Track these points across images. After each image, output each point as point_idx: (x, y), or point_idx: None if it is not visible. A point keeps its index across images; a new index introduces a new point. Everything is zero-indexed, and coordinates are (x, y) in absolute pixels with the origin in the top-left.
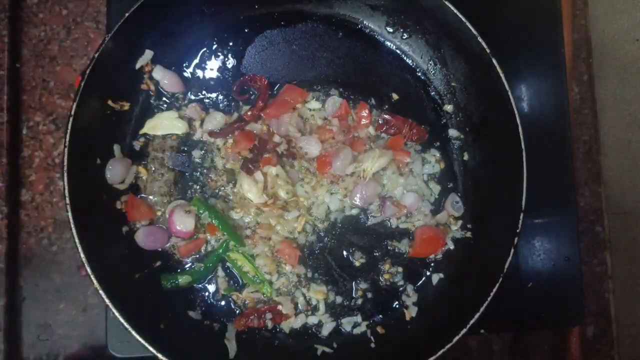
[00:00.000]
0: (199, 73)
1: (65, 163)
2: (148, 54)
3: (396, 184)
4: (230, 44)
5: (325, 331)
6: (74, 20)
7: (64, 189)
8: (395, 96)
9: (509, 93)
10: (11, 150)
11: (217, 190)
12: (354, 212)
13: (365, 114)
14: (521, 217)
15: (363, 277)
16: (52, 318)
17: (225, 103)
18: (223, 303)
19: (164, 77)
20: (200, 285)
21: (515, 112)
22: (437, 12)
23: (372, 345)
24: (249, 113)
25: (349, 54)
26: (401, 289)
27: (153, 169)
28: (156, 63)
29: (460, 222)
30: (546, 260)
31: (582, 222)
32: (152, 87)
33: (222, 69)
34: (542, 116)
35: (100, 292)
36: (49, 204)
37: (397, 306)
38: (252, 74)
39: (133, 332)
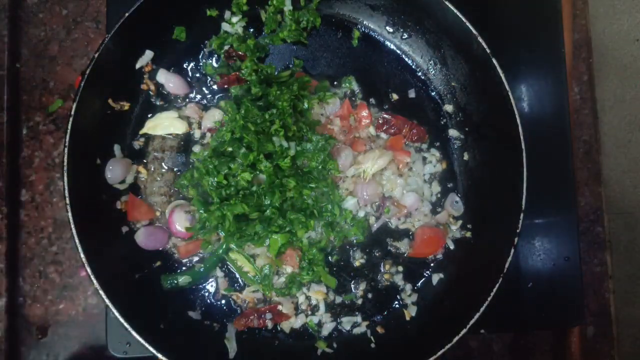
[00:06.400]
0: (199, 73)
1: (65, 163)
2: (148, 54)
3: (396, 184)
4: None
5: (325, 331)
6: (74, 20)
7: (64, 189)
8: (395, 96)
9: (509, 93)
10: (11, 150)
11: None
12: (361, 214)
13: (365, 114)
14: (521, 217)
15: (363, 277)
16: (52, 318)
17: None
18: (223, 303)
19: (168, 80)
20: (200, 285)
21: (515, 112)
22: (437, 12)
23: (372, 345)
24: None
25: (349, 54)
26: (401, 288)
27: (153, 169)
28: (156, 63)
29: (460, 222)
30: (546, 260)
31: (582, 222)
32: (152, 87)
33: (222, 68)
34: (542, 116)
35: (100, 292)
36: (49, 204)
37: (397, 306)
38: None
39: (133, 332)
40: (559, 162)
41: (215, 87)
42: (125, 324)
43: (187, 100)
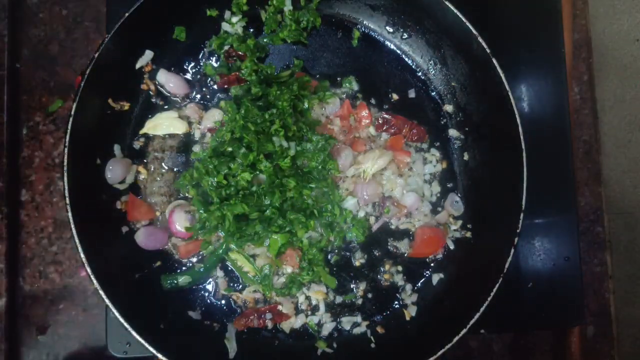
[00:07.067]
0: (199, 73)
1: (65, 163)
2: (148, 54)
3: (396, 184)
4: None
5: (325, 331)
6: (74, 20)
7: (64, 189)
8: (395, 96)
9: (509, 93)
10: (11, 150)
11: None
12: (361, 214)
13: (365, 114)
14: (521, 217)
15: (363, 277)
16: (52, 318)
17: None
18: (223, 303)
19: (168, 80)
20: (200, 285)
21: (515, 112)
22: (437, 12)
23: (372, 345)
24: None
25: (349, 54)
26: (401, 288)
27: (153, 169)
28: (156, 63)
29: (460, 222)
30: (546, 260)
31: (582, 222)
32: (152, 87)
33: (222, 68)
34: (542, 116)
35: (100, 292)
36: (49, 204)
37: (397, 306)
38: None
39: (133, 332)
40: (559, 162)
41: (215, 87)
42: (125, 324)
43: (187, 100)
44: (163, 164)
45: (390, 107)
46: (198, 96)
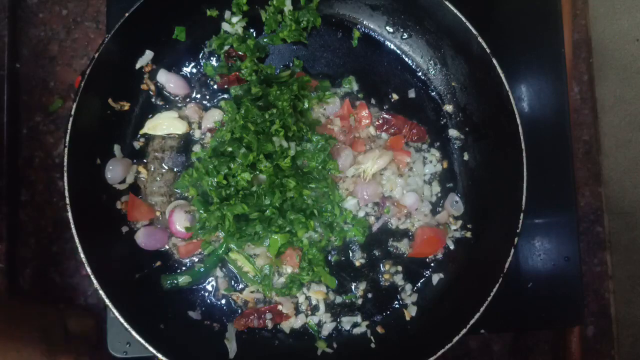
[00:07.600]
0: (200, 73)
1: (65, 163)
2: (148, 54)
3: (396, 184)
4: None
5: (325, 331)
6: (74, 20)
7: (64, 189)
8: (395, 96)
9: (509, 93)
10: (11, 150)
11: None
12: (361, 214)
13: (365, 114)
14: (521, 217)
15: (363, 277)
16: None
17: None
18: (223, 303)
19: (169, 81)
20: (200, 285)
21: (516, 112)
22: (437, 12)
23: (372, 345)
24: None
25: (349, 54)
26: (401, 288)
27: (153, 169)
28: (156, 63)
29: (460, 222)
30: (546, 260)
31: (582, 222)
32: (152, 87)
33: (222, 69)
34: (542, 116)
35: (100, 292)
36: (49, 204)
37: (397, 306)
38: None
39: (133, 332)
40: (559, 162)
41: (215, 87)
42: (125, 324)
43: (187, 100)
44: (163, 164)
45: (390, 107)
46: (198, 96)
